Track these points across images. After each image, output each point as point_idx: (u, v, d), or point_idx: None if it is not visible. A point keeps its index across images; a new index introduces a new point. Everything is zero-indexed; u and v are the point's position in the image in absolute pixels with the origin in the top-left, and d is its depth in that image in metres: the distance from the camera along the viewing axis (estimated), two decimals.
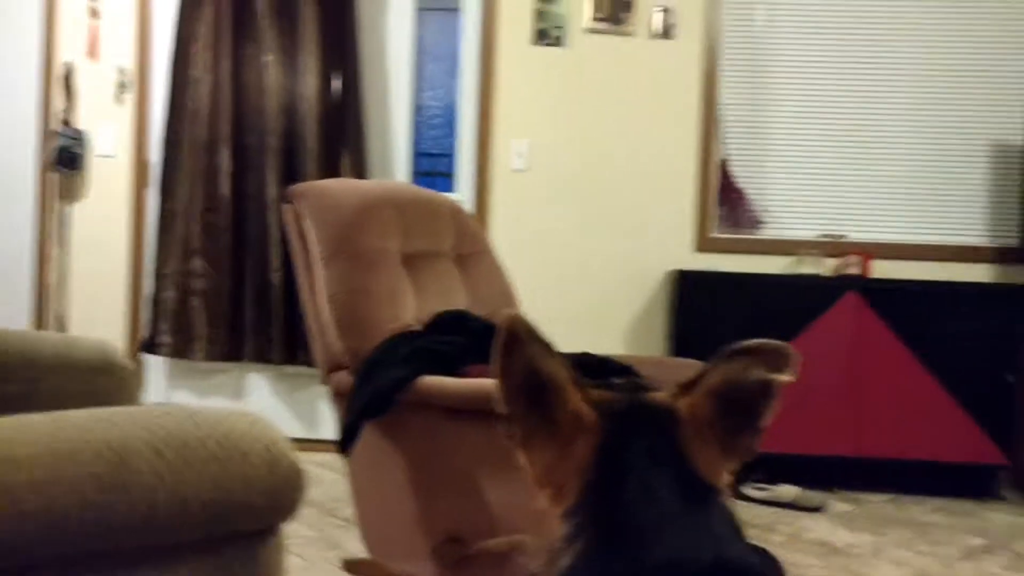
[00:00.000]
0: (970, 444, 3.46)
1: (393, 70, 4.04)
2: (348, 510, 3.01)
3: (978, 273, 3.83)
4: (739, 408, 0.86)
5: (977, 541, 3.01)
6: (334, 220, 2.38)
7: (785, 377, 0.87)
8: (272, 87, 3.80)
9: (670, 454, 0.79)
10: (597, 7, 3.90)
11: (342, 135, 3.86)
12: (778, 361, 0.87)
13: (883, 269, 3.80)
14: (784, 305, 3.54)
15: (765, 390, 0.87)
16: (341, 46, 3.84)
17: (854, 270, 3.67)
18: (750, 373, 0.86)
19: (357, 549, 2.54)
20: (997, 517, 3.34)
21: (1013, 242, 3.82)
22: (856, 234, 3.90)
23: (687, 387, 0.87)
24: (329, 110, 3.84)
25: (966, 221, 3.91)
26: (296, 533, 2.80)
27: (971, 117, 3.88)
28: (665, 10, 3.88)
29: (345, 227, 2.37)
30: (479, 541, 2.06)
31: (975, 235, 3.90)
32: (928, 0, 3.88)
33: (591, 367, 2.43)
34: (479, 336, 2.37)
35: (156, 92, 3.92)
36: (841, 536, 3.00)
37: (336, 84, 3.84)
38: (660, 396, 0.87)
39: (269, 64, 3.80)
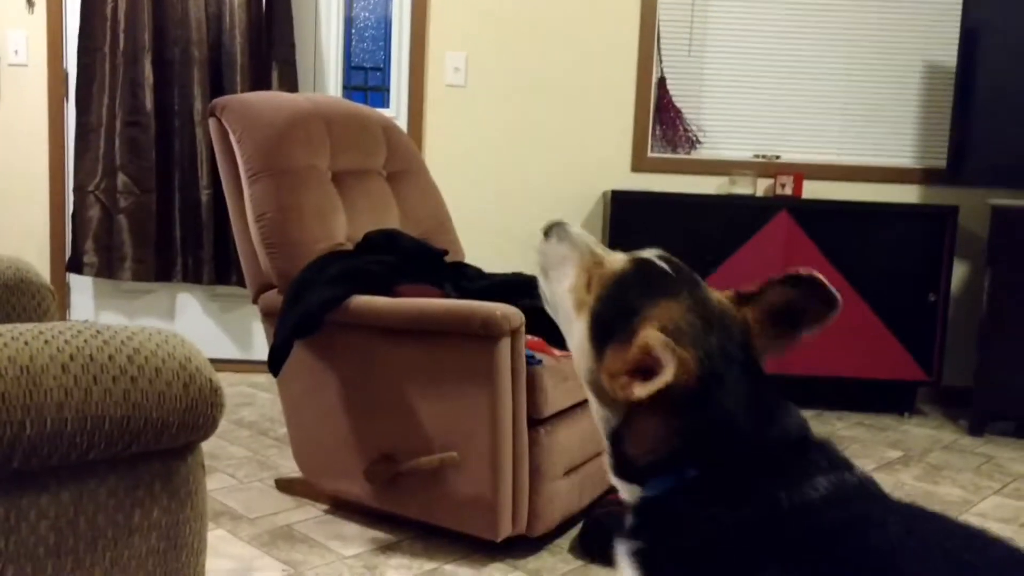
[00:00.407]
0: (893, 361, 3.58)
1: None
2: (281, 430, 3.01)
3: (906, 194, 3.92)
4: (785, 321, 0.99)
5: (894, 453, 3.14)
6: (261, 136, 2.31)
7: (833, 317, 0.98)
8: None
9: (743, 355, 0.95)
10: None
11: (271, 47, 3.71)
12: (826, 296, 0.98)
13: (815, 190, 3.86)
14: (718, 225, 3.58)
15: (816, 318, 0.99)
16: None
17: (787, 190, 3.72)
18: (807, 302, 0.99)
19: (290, 469, 2.55)
20: (915, 431, 3.49)
21: (940, 164, 3.89)
22: (789, 155, 3.93)
23: (748, 297, 1.01)
24: (257, 21, 3.69)
25: (896, 143, 3.97)
26: (229, 454, 2.79)
27: (904, 39, 3.90)
28: None
29: (272, 143, 2.30)
30: (411, 458, 2.08)
31: (905, 157, 3.97)
32: None
33: (525, 286, 2.43)
34: (411, 255, 2.35)
35: None
36: None
37: None
38: (728, 303, 1.00)
39: None
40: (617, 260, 1.03)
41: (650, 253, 1.03)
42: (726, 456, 0.88)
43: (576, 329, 1.02)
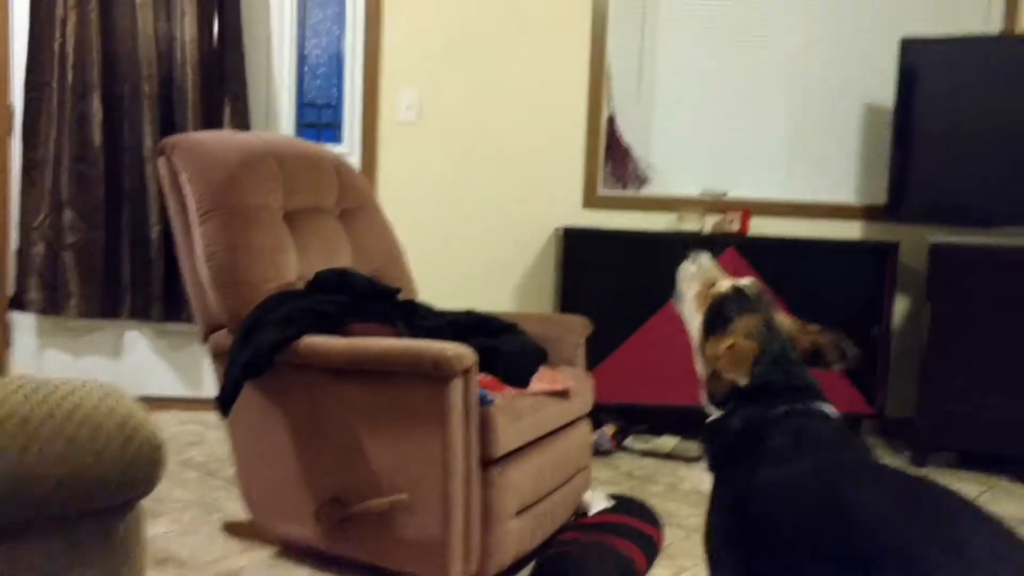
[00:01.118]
0: (838, 394, 3.62)
1: (276, 17, 3.90)
2: (230, 471, 2.97)
3: (849, 230, 4.02)
4: (818, 352, 1.53)
5: None
6: (211, 175, 2.30)
7: (847, 364, 1.54)
8: (146, 31, 3.60)
9: (783, 349, 1.48)
10: None
11: (223, 84, 3.70)
12: (847, 350, 1.54)
13: (761, 226, 3.94)
14: (668, 261, 3.60)
15: (838, 359, 1.53)
16: None
17: (734, 227, 3.79)
18: (834, 351, 1.53)
19: (239, 511, 2.51)
20: None
21: (881, 201, 4.01)
22: (736, 192, 4.02)
23: (807, 328, 1.55)
24: (209, 57, 3.68)
25: (839, 181, 4.08)
26: (175, 497, 2.74)
27: (845, 80, 4.03)
28: None
29: (223, 182, 2.30)
30: (361, 500, 2.07)
31: (847, 194, 4.08)
32: None
33: (477, 324, 2.44)
34: (362, 294, 2.35)
35: (18, 31, 3.66)
36: None
37: (216, 30, 3.68)
38: (789, 323, 1.55)
39: (142, 6, 3.59)
40: (724, 284, 1.61)
41: (744, 282, 1.59)
42: (751, 398, 1.43)
43: (695, 321, 1.65)
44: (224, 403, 2.16)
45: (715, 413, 1.51)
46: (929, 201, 3.70)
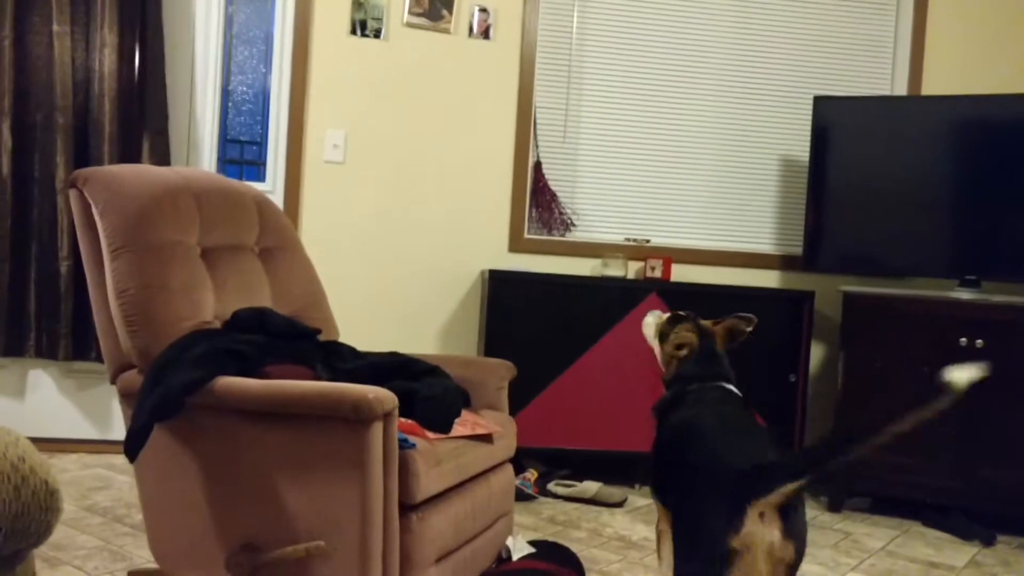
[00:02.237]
0: None
1: (201, 51, 3.84)
2: (137, 517, 2.84)
3: (767, 279, 4.13)
4: (731, 337, 2.20)
5: None
6: (125, 209, 2.23)
7: (752, 327, 2.21)
8: (63, 60, 3.51)
9: (712, 346, 2.16)
10: (416, 2, 3.87)
11: (143, 117, 3.62)
12: (746, 320, 2.20)
13: (682, 273, 4.02)
14: (592, 305, 3.66)
15: (747, 328, 2.20)
16: (143, 22, 3.60)
17: (656, 273, 3.85)
18: (742, 327, 2.20)
19: (146, 559, 2.39)
20: None
21: (797, 251, 4.14)
22: (658, 239, 4.10)
23: (717, 323, 2.20)
24: (129, 89, 3.60)
25: (757, 230, 4.20)
26: (78, 544, 2.60)
27: (763, 135, 4.17)
28: (484, 11, 3.92)
29: (137, 217, 2.22)
30: (276, 548, 1.99)
31: (765, 244, 4.20)
32: (727, 26, 4.13)
33: (399, 367, 2.41)
34: (281, 335, 2.30)
35: None
36: (638, 530, 3.13)
37: (137, 62, 3.60)
38: (709, 324, 2.20)
39: (60, 35, 3.50)
40: (667, 316, 2.31)
41: (682, 312, 2.27)
42: (681, 381, 2.10)
43: (656, 344, 2.30)
44: (132, 446, 2.07)
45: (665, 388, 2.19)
46: (843, 252, 3.83)
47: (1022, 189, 3.57)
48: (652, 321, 2.34)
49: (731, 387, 2.07)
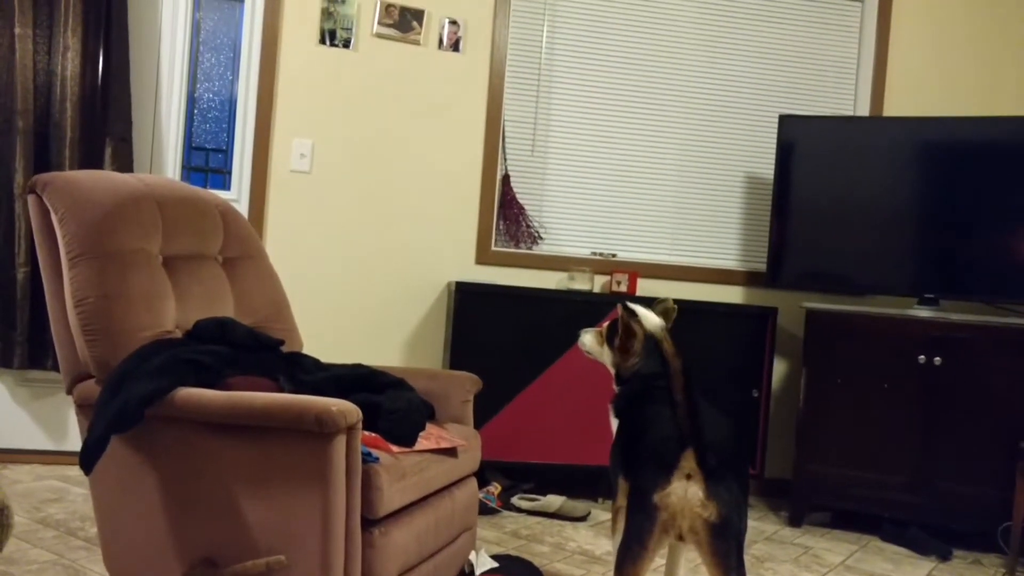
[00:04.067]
0: None
1: (167, 57, 3.80)
2: (92, 530, 2.79)
3: (731, 295, 4.17)
4: (667, 319, 2.28)
5: None
6: (85, 216, 2.19)
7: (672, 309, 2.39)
8: (24, 64, 3.45)
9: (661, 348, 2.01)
10: (386, 14, 3.86)
11: (105, 123, 3.57)
12: (666, 304, 2.38)
13: (648, 287, 4.04)
14: (558, 318, 3.66)
15: (674, 312, 2.36)
16: (107, 26, 3.55)
17: (622, 287, 3.87)
18: (670, 306, 2.37)
19: (100, 574, 2.34)
20: None
21: (761, 267, 4.18)
22: (625, 253, 4.12)
23: (656, 309, 2.32)
24: (92, 94, 3.54)
25: (722, 246, 4.24)
26: (30, 558, 2.54)
27: (730, 153, 4.22)
28: (454, 23, 3.92)
29: (98, 224, 2.19)
30: (235, 562, 1.96)
31: (729, 259, 4.24)
32: (695, 45, 4.17)
33: (364, 380, 2.39)
34: (244, 345, 2.27)
35: None
36: (602, 544, 3.13)
37: (101, 67, 3.55)
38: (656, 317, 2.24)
39: (21, 38, 3.44)
40: (606, 324, 2.37)
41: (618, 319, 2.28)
42: (651, 378, 2.16)
43: (600, 349, 2.37)
44: (87, 458, 2.03)
45: (618, 389, 2.28)
46: (805, 269, 3.88)
47: (980, 209, 3.64)
48: (588, 337, 2.40)
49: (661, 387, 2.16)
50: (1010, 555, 3.19)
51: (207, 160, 3.91)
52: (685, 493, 1.76)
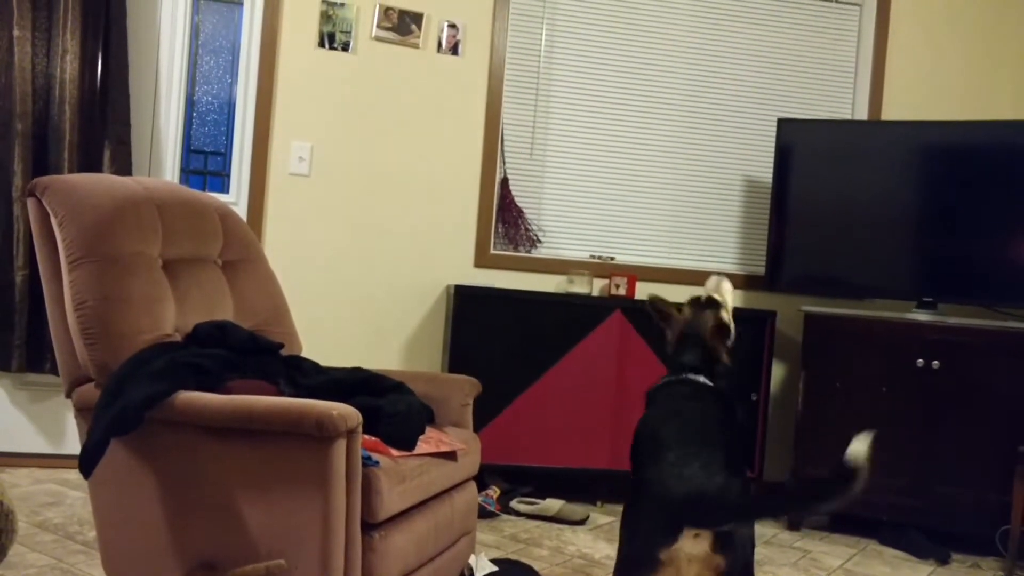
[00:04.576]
0: None
1: (166, 59, 3.80)
2: (91, 534, 2.78)
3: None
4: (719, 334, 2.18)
5: None
6: (85, 219, 2.19)
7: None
8: (22, 66, 3.44)
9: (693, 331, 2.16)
10: (384, 17, 3.86)
11: (104, 126, 3.56)
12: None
13: (647, 290, 4.02)
14: (557, 321, 3.67)
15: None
16: (106, 28, 3.55)
17: (621, 291, 3.87)
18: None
19: None
20: None
21: (759, 271, 4.19)
22: (623, 257, 4.13)
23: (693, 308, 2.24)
24: (91, 97, 3.54)
25: (720, 250, 4.24)
26: (28, 562, 2.54)
27: (728, 156, 4.22)
28: (453, 26, 3.92)
29: (97, 228, 2.19)
30: (235, 566, 1.96)
31: (728, 262, 4.24)
32: (694, 49, 4.18)
33: (363, 383, 2.39)
34: (243, 349, 2.27)
35: None
36: (600, 548, 3.13)
37: (100, 70, 3.55)
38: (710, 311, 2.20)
39: (20, 40, 3.44)
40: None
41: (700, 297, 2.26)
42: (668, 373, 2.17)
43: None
44: (87, 462, 2.02)
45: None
46: (804, 272, 3.88)
47: (978, 213, 3.65)
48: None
49: (696, 378, 2.09)
50: (1008, 559, 3.19)
51: (206, 163, 3.91)
52: (692, 551, 1.70)
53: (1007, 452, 3.35)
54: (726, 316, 2.15)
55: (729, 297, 2.26)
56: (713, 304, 2.19)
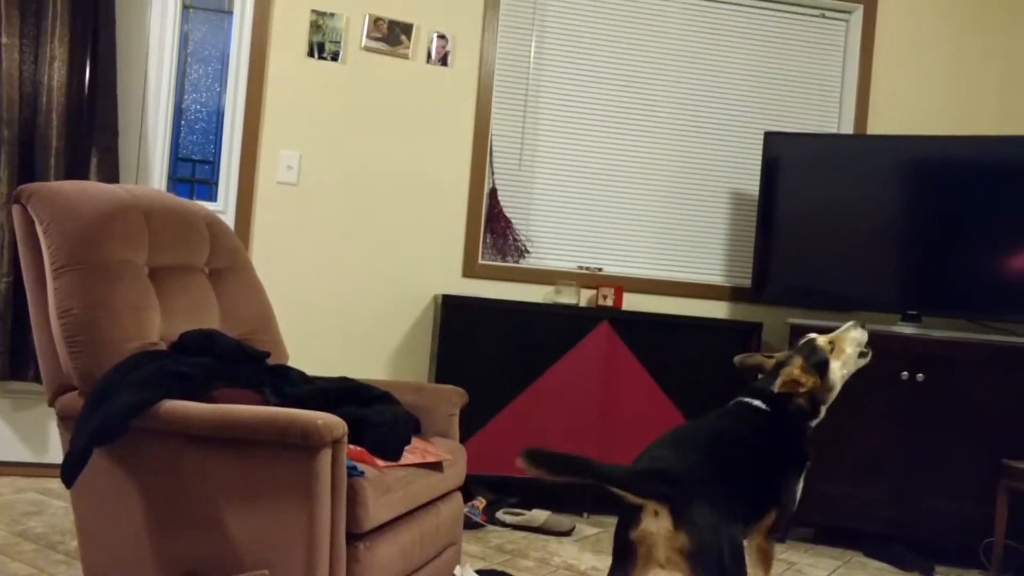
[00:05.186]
0: None
1: (155, 67, 3.79)
2: (73, 544, 2.76)
3: (716, 309, 4.18)
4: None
5: None
6: (70, 227, 2.18)
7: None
8: (10, 73, 3.43)
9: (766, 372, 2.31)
10: (374, 27, 3.87)
11: (91, 133, 3.55)
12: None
13: (634, 302, 4.06)
14: (545, 332, 3.67)
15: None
16: (95, 36, 3.55)
17: (608, 301, 3.88)
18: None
19: None
20: None
21: (746, 283, 4.20)
22: (611, 268, 4.14)
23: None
24: (78, 104, 3.53)
25: (707, 262, 4.26)
26: (10, 572, 2.51)
27: (715, 169, 4.25)
28: (442, 37, 3.93)
29: (83, 235, 2.18)
30: None
31: (714, 275, 4.26)
32: (682, 61, 4.21)
33: (349, 393, 2.38)
34: (229, 358, 2.26)
35: None
36: (586, 559, 3.13)
37: (88, 77, 3.54)
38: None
39: (7, 47, 3.43)
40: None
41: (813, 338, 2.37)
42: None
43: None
44: (69, 471, 2.01)
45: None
46: (790, 284, 3.90)
47: (963, 227, 3.68)
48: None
49: (750, 401, 2.21)
50: (992, 571, 3.21)
51: (193, 171, 3.90)
52: (656, 530, 1.78)
53: (991, 465, 3.37)
54: (796, 372, 2.21)
55: (848, 347, 2.34)
56: (810, 351, 2.29)
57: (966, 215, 3.67)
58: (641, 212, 4.20)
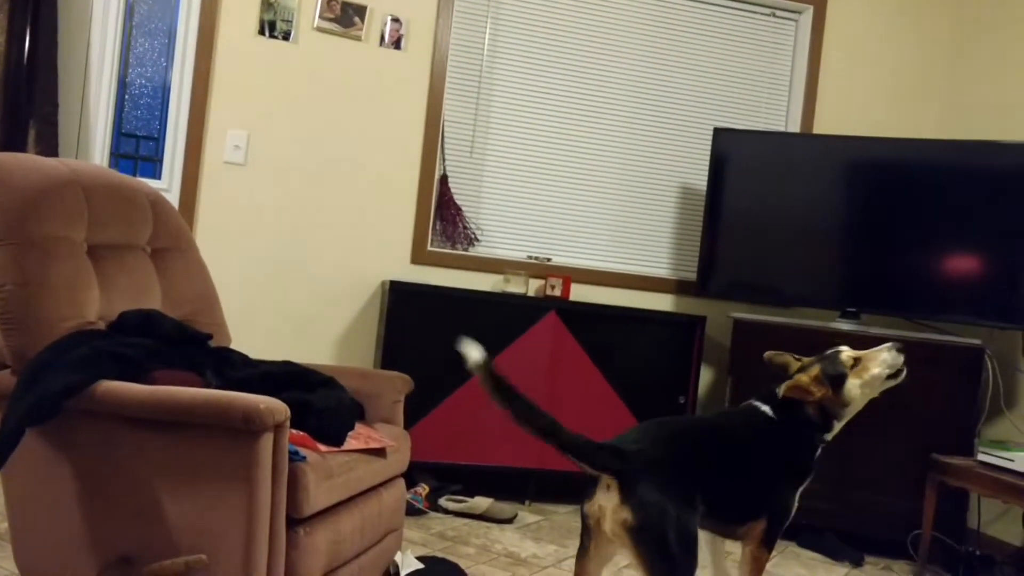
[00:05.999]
0: None
1: (98, 39, 3.69)
2: (2, 525, 2.69)
3: (662, 302, 4.23)
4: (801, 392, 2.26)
5: None
6: (6, 201, 2.11)
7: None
8: None
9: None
10: (327, 7, 3.82)
11: (30, 104, 3.45)
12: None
13: (581, 292, 4.08)
14: (492, 321, 3.67)
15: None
16: (36, 5, 3.43)
17: (556, 292, 3.90)
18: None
19: (10, 571, 2.26)
20: None
21: (691, 277, 4.26)
22: (559, 258, 4.15)
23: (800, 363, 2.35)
24: (16, 74, 3.42)
25: (654, 255, 4.30)
26: None
27: (665, 163, 4.29)
28: (396, 20, 3.90)
29: (19, 210, 2.11)
30: (153, 561, 1.92)
31: (661, 268, 4.30)
32: (634, 56, 4.23)
33: (293, 377, 2.36)
34: (170, 339, 2.22)
35: None
36: (527, 547, 3.15)
37: (27, 47, 3.43)
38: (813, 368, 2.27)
39: None
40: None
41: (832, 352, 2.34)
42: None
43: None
44: (0, 451, 1.95)
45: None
46: (734, 279, 3.96)
47: (903, 227, 3.77)
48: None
49: (754, 404, 2.21)
50: (919, 562, 3.31)
51: (137, 147, 3.81)
52: (605, 503, 1.84)
53: (920, 460, 3.47)
54: (806, 380, 2.19)
55: (875, 368, 2.31)
56: (830, 362, 2.27)
57: (906, 216, 3.77)
58: (591, 204, 4.22)
